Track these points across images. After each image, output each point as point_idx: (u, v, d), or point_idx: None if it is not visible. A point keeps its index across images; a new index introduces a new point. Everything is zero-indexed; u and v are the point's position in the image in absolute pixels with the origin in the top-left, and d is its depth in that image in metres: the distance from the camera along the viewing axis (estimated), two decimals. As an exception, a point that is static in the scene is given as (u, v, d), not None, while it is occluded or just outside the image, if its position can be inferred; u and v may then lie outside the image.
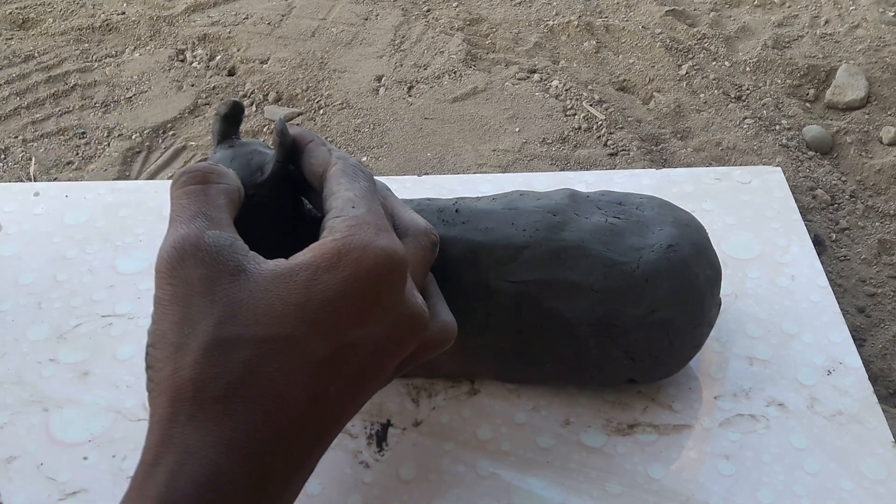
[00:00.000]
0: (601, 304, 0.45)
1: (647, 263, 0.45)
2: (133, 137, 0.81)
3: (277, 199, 0.43)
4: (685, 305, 0.46)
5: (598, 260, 0.45)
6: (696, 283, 0.46)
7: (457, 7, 0.99)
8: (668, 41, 0.91)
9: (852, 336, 0.54)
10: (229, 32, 0.95)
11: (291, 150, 0.42)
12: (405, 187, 0.67)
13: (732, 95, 0.84)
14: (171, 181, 0.37)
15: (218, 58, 0.92)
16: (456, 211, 0.48)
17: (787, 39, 0.91)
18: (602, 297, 0.45)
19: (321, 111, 0.84)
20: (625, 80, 0.87)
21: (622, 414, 0.49)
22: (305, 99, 0.86)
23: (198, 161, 0.79)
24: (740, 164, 0.74)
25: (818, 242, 0.65)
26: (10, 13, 0.99)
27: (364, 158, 0.78)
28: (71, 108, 0.85)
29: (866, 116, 0.81)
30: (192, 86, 0.88)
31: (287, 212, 0.44)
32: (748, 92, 0.84)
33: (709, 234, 0.50)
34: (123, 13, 0.99)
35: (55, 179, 0.77)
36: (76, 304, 0.58)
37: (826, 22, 0.93)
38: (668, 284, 0.45)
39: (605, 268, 0.45)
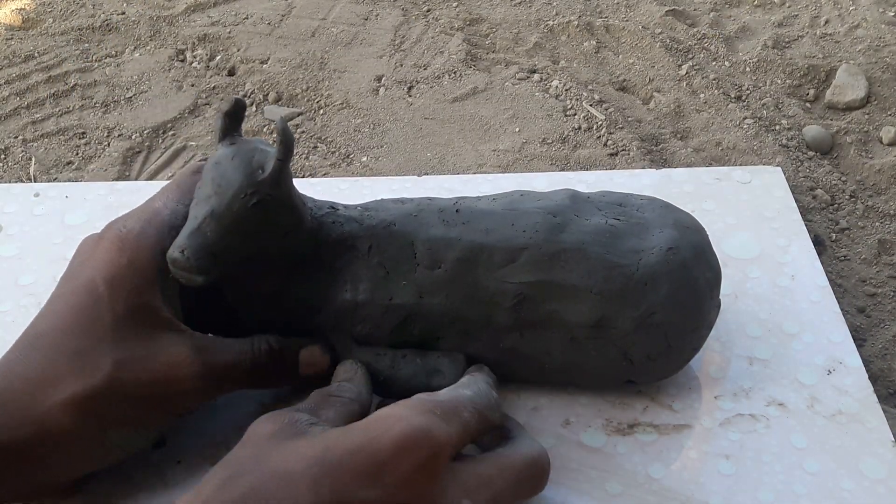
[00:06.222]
0: (600, 307, 0.45)
1: (647, 266, 0.45)
2: (133, 137, 0.81)
3: (278, 198, 0.43)
4: (684, 308, 0.46)
5: (597, 262, 0.45)
6: (696, 286, 0.46)
7: (457, 7, 0.99)
8: (668, 41, 0.91)
9: (852, 336, 0.54)
10: (229, 32, 0.95)
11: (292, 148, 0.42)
12: (405, 187, 0.67)
13: (732, 95, 0.84)
14: None
15: (218, 58, 0.92)
16: (456, 211, 0.48)
17: (787, 39, 0.91)
18: (601, 299, 0.45)
19: (321, 111, 0.84)
20: (625, 80, 0.87)
21: (622, 414, 0.49)
22: (305, 99, 0.86)
23: (198, 161, 0.79)
24: (740, 164, 0.74)
25: (818, 242, 0.65)
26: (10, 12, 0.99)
27: (364, 158, 0.78)
28: (71, 108, 0.85)
29: (866, 116, 0.81)
30: (192, 86, 0.88)
31: (288, 210, 0.44)
32: (748, 92, 0.84)
33: (709, 235, 0.50)
34: (123, 13, 0.99)
35: (55, 179, 0.77)
36: (76, 304, 0.58)
37: (826, 22, 0.93)
38: (667, 287, 0.45)
39: (605, 270, 0.45)
